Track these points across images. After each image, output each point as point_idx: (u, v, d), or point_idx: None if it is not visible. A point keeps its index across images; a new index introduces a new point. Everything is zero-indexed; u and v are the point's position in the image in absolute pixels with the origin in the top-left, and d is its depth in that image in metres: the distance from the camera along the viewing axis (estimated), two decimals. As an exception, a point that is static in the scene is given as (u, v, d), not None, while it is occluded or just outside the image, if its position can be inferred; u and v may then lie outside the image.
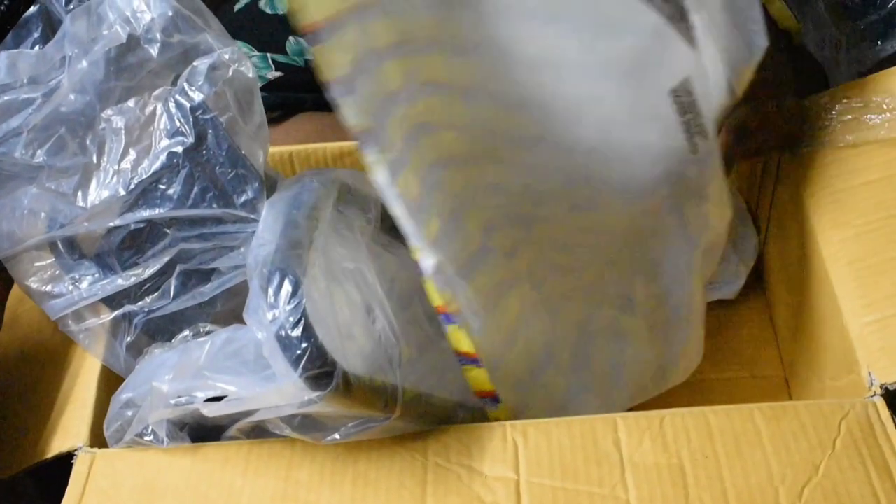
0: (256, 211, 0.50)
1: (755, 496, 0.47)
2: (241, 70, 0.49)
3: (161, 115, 0.49)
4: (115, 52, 0.49)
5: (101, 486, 0.51)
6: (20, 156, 0.50)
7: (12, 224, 0.54)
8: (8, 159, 0.51)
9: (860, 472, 0.47)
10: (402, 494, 0.48)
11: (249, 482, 0.50)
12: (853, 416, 0.50)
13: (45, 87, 0.50)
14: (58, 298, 0.56)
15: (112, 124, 0.50)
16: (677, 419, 0.50)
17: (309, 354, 0.43)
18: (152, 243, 0.52)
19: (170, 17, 0.49)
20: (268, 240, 0.47)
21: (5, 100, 0.50)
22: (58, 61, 0.50)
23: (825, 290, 0.58)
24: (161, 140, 0.49)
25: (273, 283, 0.44)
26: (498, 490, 0.48)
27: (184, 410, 0.48)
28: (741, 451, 0.49)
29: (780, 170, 0.69)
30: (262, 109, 0.52)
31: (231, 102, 0.48)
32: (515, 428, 0.51)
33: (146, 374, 0.51)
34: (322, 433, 0.48)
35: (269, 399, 0.45)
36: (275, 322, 0.44)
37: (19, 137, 0.50)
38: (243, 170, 0.48)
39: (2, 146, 0.51)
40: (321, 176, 0.55)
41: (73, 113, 0.50)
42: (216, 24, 0.51)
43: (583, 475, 0.48)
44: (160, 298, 0.55)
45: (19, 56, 0.51)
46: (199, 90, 0.48)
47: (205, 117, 0.48)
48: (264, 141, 0.51)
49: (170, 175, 0.49)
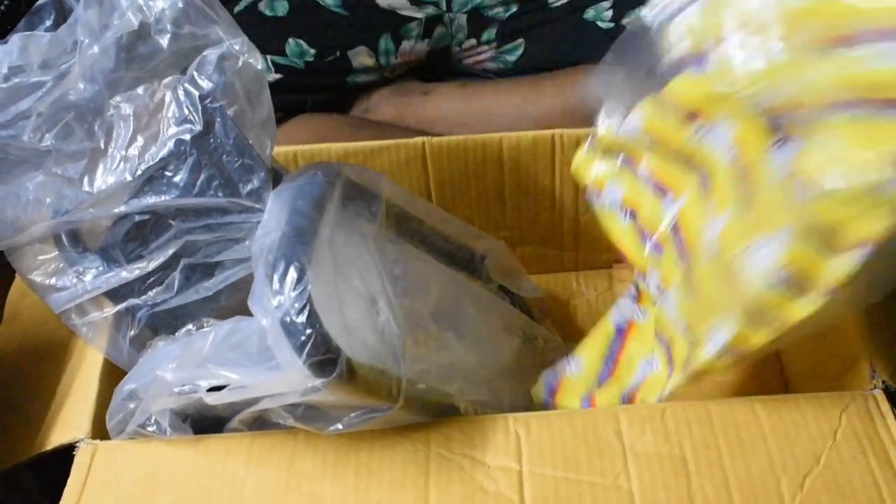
0: (262, 200, 0.50)
1: (757, 486, 0.47)
2: (251, 62, 0.49)
3: (170, 102, 0.49)
4: (126, 40, 0.49)
5: (102, 477, 0.50)
6: (28, 139, 0.50)
7: (17, 210, 0.54)
8: (16, 143, 0.50)
9: (861, 463, 0.48)
10: (405, 484, 0.48)
11: (252, 473, 0.50)
12: (854, 408, 0.50)
13: (55, 70, 0.50)
14: (61, 291, 0.56)
15: (120, 111, 0.50)
16: (679, 410, 0.51)
17: (313, 341, 0.43)
18: (157, 235, 0.52)
19: (181, 7, 0.49)
20: (273, 228, 0.47)
21: (16, 82, 0.50)
22: (69, 46, 0.50)
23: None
24: (169, 127, 0.49)
25: (278, 269, 0.44)
26: (500, 480, 0.48)
27: (187, 399, 0.48)
28: (742, 441, 0.49)
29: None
30: (270, 101, 0.52)
31: (240, 93, 0.49)
32: (518, 419, 0.51)
33: (150, 366, 0.51)
34: (325, 423, 0.48)
35: (273, 386, 0.45)
36: (279, 308, 0.44)
37: (28, 121, 0.50)
38: (250, 160, 0.49)
39: (11, 129, 0.51)
40: (326, 169, 0.55)
41: (83, 99, 0.50)
42: (226, 16, 0.51)
43: (585, 466, 0.49)
44: (164, 292, 0.55)
45: (31, 39, 0.51)
46: (208, 79, 0.48)
47: (213, 106, 0.48)
48: (271, 132, 0.52)
49: (177, 162, 0.49)
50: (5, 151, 0.53)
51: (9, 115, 0.51)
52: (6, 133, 0.52)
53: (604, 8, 0.90)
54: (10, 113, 0.50)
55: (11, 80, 0.50)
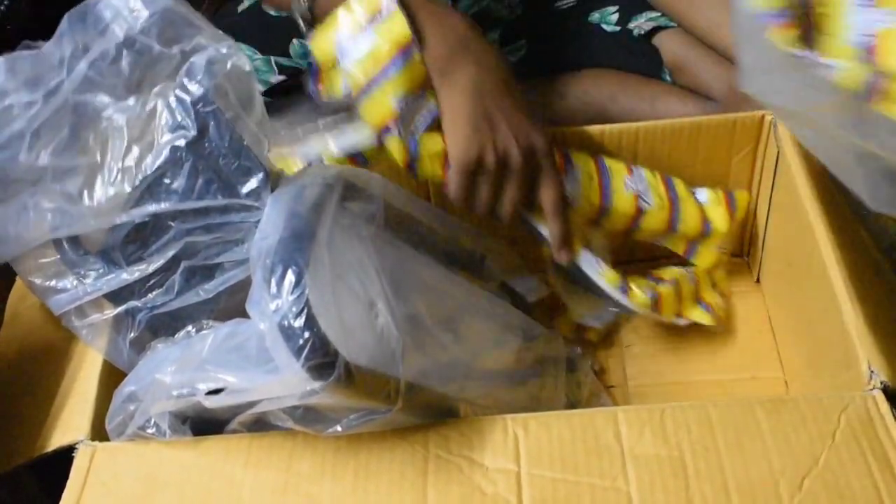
0: (261, 200, 0.50)
1: (756, 487, 0.47)
2: (239, 64, 0.49)
3: (162, 111, 0.50)
4: (112, 53, 0.49)
5: (101, 478, 0.51)
6: (25, 159, 0.51)
7: (19, 228, 0.55)
8: (13, 164, 0.51)
9: (860, 464, 0.48)
10: (404, 486, 0.48)
11: (251, 474, 0.50)
12: (852, 409, 0.50)
13: (44, 88, 0.50)
14: (62, 294, 0.56)
15: (113, 123, 0.50)
16: (678, 412, 0.51)
17: (311, 344, 0.43)
18: (157, 237, 0.52)
19: (165, 15, 0.49)
20: (270, 232, 0.47)
21: (6, 104, 0.50)
22: (56, 62, 0.51)
23: (824, 288, 0.58)
24: (163, 135, 0.50)
25: (276, 273, 0.44)
26: (499, 481, 0.48)
27: (186, 402, 0.49)
28: (741, 443, 0.49)
29: (777, 169, 0.69)
30: (262, 102, 0.52)
31: (231, 95, 0.49)
32: (516, 421, 0.51)
33: (149, 369, 0.51)
34: (324, 425, 0.48)
35: (271, 390, 0.46)
36: (277, 312, 0.44)
37: (23, 140, 0.51)
38: (247, 161, 0.49)
39: (6, 150, 0.52)
40: (325, 172, 0.55)
41: (75, 114, 0.50)
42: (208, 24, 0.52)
43: (583, 467, 0.49)
44: (164, 295, 0.55)
45: (16, 60, 0.52)
46: (198, 84, 0.48)
47: (206, 110, 0.48)
48: (267, 133, 0.52)
49: (174, 169, 0.49)
50: (3, 172, 0.53)
51: (2, 138, 0.52)
52: (2, 156, 0.52)
53: (610, 12, 0.90)
54: (4, 136, 0.51)
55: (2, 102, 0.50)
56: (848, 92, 0.47)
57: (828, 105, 0.48)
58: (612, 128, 0.70)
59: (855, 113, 0.47)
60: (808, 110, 0.50)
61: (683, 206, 0.70)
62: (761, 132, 0.70)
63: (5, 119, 0.52)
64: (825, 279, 0.58)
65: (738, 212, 0.72)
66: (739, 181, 0.74)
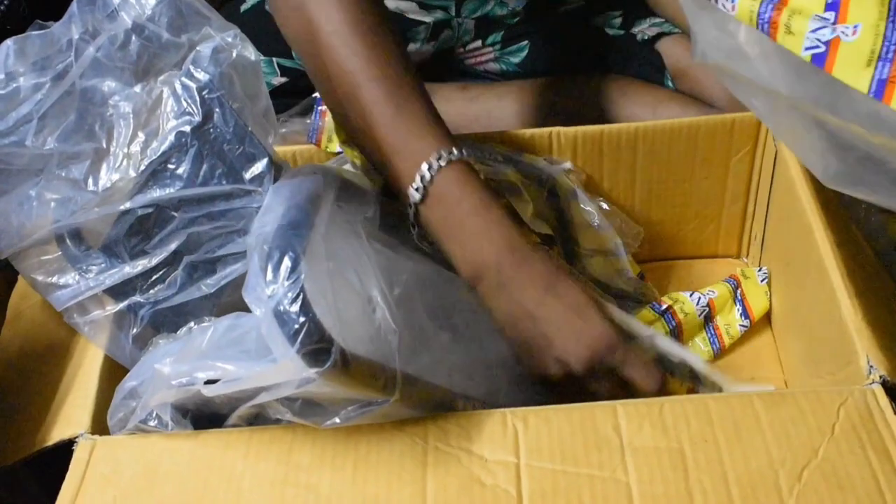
0: (264, 185, 0.50)
1: (755, 479, 0.47)
2: (245, 53, 0.50)
3: (168, 97, 0.50)
4: (121, 39, 0.50)
5: (101, 471, 0.51)
6: (31, 144, 0.51)
7: (21, 217, 0.55)
8: (19, 149, 0.51)
9: (859, 456, 0.47)
10: (403, 477, 0.48)
11: (250, 466, 0.50)
12: (851, 402, 0.50)
13: (52, 70, 0.51)
14: (64, 289, 0.56)
15: (119, 109, 0.50)
16: (677, 406, 0.51)
17: (307, 329, 0.43)
18: (160, 227, 0.53)
19: (173, 4, 0.50)
20: (268, 221, 0.47)
21: (15, 87, 0.51)
22: (64, 44, 0.51)
23: (822, 286, 0.59)
24: (168, 121, 0.50)
25: (273, 259, 0.44)
26: (498, 473, 0.48)
27: (185, 392, 0.49)
28: (741, 436, 0.49)
29: (775, 170, 0.70)
30: (267, 91, 0.53)
31: (237, 84, 0.49)
32: (515, 414, 0.51)
33: (150, 364, 0.51)
34: (322, 417, 0.48)
35: (267, 377, 0.45)
36: (273, 297, 0.44)
37: (30, 125, 0.51)
38: (251, 147, 0.49)
39: (13, 135, 0.52)
40: (323, 169, 0.55)
41: (82, 99, 0.51)
42: (215, 15, 0.52)
43: (583, 459, 0.48)
44: (166, 290, 0.56)
45: (26, 40, 0.52)
46: (204, 71, 0.49)
47: (211, 96, 0.49)
48: (272, 121, 0.52)
49: (179, 154, 0.49)
50: (8, 161, 0.53)
51: (10, 122, 0.52)
52: (8, 140, 0.53)
53: (614, 15, 0.90)
54: (11, 119, 0.51)
55: (10, 85, 0.51)
56: (749, 26, 0.46)
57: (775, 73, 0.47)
58: (611, 128, 0.70)
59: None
60: (756, 78, 0.49)
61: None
62: (760, 132, 0.71)
63: (13, 102, 0.52)
64: (824, 277, 0.58)
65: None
66: (738, 181, 0.74)
